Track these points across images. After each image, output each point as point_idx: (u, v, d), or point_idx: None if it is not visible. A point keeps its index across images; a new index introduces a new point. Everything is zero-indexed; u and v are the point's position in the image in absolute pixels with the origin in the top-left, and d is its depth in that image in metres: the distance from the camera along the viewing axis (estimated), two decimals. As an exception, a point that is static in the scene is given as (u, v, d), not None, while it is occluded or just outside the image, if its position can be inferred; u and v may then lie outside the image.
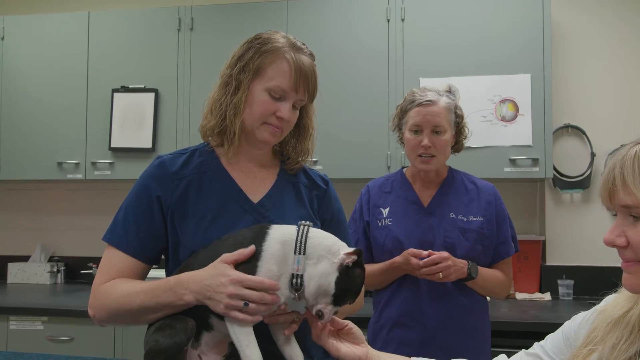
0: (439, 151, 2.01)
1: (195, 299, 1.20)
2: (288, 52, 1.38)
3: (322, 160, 3.06)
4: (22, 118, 3.45)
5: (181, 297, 1.21)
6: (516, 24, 3.03)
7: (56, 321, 2.85)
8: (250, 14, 3.25)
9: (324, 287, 1.19)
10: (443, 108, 2.01)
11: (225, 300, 1.16)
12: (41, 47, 3.46)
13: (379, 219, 2.08)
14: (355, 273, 1.21)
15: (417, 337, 1.97)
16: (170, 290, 1.23)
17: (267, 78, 1.37)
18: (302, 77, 1.38)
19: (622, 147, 1.00)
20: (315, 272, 1.19)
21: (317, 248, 1.21)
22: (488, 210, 2.07)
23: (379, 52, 3.12)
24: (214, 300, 1.17)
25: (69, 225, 3.83)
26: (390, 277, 2.03)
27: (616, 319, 1.05)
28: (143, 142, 3.30)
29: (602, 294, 1.17)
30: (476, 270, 1.98)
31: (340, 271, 1.19)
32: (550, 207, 3.29)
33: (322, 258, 1.20)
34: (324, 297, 1.20)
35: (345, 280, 1.19)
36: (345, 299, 1.21)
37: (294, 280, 1.20)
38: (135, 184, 1.43)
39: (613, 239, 0.98)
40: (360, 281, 1.23)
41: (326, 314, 1.20)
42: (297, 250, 1.21)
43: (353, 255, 1.19)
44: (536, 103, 2.98)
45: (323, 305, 1.20)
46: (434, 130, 1.99)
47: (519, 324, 2.51)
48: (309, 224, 1.24)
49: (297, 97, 1.39)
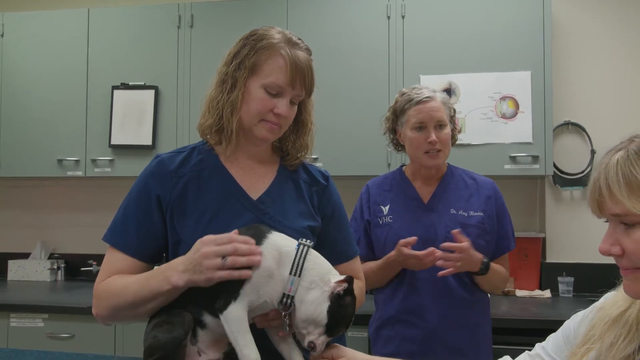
0: (445, 145, 2.02)
1: (182, 280, 1.20)
2: (283, 47, 1.37)
3: (323, 157, 3.05)
4: (22, 115, 3.45)
5: (169, 280, 1.22)
6: (516, 21, 3.02)
7: (57, 318, 2.85)
8: (250, 11, 3.25)
9: (314, 316, 1.17)
10: (441, 103, 2.03)
11: (204, 262, 1.17)
12: (41, 44, 3.46)
13: (380, 217, 2.09)
14: (346, 301, 1.19)
15: (418, 333, 1.97)
16: (160, 275, 1.25)
17: (263, 75, 1.37)
18: (298, 72, 1.37)
19: (605, 156, 1.00)
20: (307, 298, 1.18)
21: (311, 273, 1.20)
22: (488, 205, 2.07)
23: (379, 49, 3.12)
24: (197, 271, 1.19)
25: (69, 223, 3.83)
26: (388, 273, 2.03)
27: (614, 317, 1.05)
28: (143, 139, 3.30)
29: (600, 291, 1.17)
30: (488, 268, 1.98)
31: (332, 300, 1.17)
32: (550, 205, 3.29)
33: (315, 285, 1.19)
34: (315, 327, 1.18)
35: (337, 309, 1.17)
36: (338, 329, 1.19)
37: (284, 299, 1.19)
38: (135, 184, 1.43)
39: (608, 249, 0.97)
40: (352, 310, 1.21)
41: (318, 345, 1.18)
42: (293, 271, 1.19)
43: (344, 283, 1.18)
44: (536, 100, 2.98)
45: (315, 336, 1.18)
46: (437, 125, 2.00)
47: (520, 321, 2.51)
48: (308, 244, 1.23)
49: (294, 92, 1.39)
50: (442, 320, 1.97)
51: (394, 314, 2.03)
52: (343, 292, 1.18)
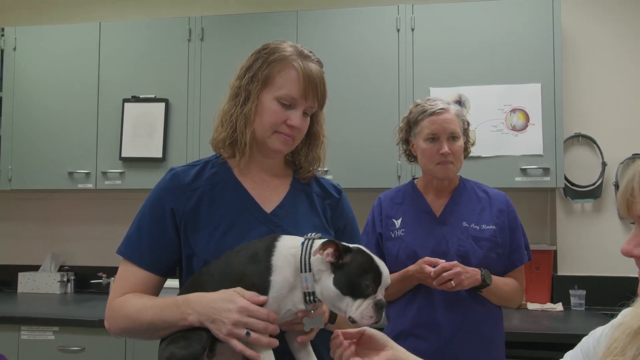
0: (457, 157, 2.02)
1: (199, 321, 1.20)
2: (296, 60, 1.39)
3: (333, 169, 3.05)
4: (34, 128, 3.47)
5: (185, 317, 1.21)
6: (526, 33, 3.03)
7: (67, 331, 2.84)
8: (260, 24, 3.26)
9: (331, 296, 1.17)
10: (455, 115, 2.03)
11: (228, 326, 1.16)
12: (53, 58, 3.48)
13: (392, 230, 2.08)
14: (347, 260, 1.17)
15: (431, 347, 1.95)
16: (177, 309, 1.23)
17: (276, 87, 1.38)
18: (311, 84, 1.38)
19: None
20: (319, 286, 1.19)
21: (316, 263, 1.20)
22: (500, 218, 2.06)
23: (389, 61, 3.13)
24: (217, 324, 1.17)
25: (79, 235, 3.84)
26: (404, 287, 2.02)
27: (635, 329, 1.04)
28: (153, 151, 3.31)
29: (620, 304, 1.16)
30: (490, 277, 1.97)
31: (334, 271, 1.17)
32: (561, 217, 3.27)
33: (320, 272, 1.20)
34: (341, 303, 1.17)
35: (344, 275, 1.16)
36: (361, 286, 1.15)
37: (307, 297, 1.20)
38: (148, 197, 1.43)
39: (630, 250, 0.97)
40: (363, 260, 1.18)
41: (356, 316, 1.15)
42: (302, 268, 1.20)
43: (327, 248, 1.17)
44: (547, 112, 2.98)
45: (350, 308, 1.16)
46: (450, 137, 2.01)
47: (533, 335, 2.49)
48: (313, 238, 1.23)
49: (306, 104, 1.39)
50: (456, 335, 1.95)
51: (406, 328, 2.01)
52: (338, 255, 1.17)
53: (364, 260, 1.19)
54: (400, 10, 3.14)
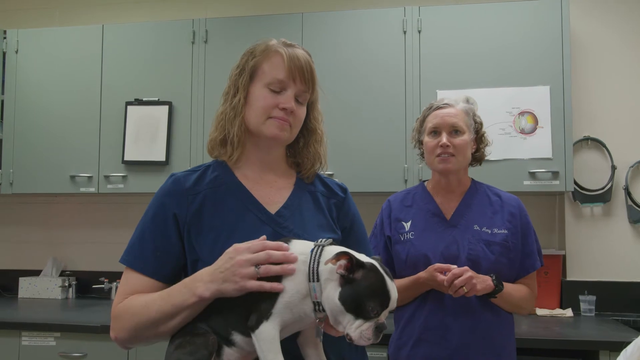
0: (458, 151, 1.99)
1: (209, 291, 1.19)
2: (280, 47, 1.40)
3: (338, 173, 3.00)
4: (35, 131, 3.44)
5: (194, 292, 1.20)
6: (534, 35, 3.00)
7: (69, 337, 2.80)
8: (265, 27, 3.23)
9: (334, 309, 1.12)
10: (460, 111, 2.03)
11: (237, 271, 1.16)
12: (55, 61, 3.46)
13: (401, 233, 2.04)
14: (359, 275, 1.11)
15: (441, 354, 1.91)
16: (184, 288, 1.23)
17: (263, 75, 1.39)
18: (297, 66, 1.38)
19: None
20: (324, 295, 1.14)
21: (325, 271, 1.15)
22: (512, 222, 2.02)
23: (396, 64, 3.09)
24: (228, 280, 1.17)
25: (80, 239, 3.80)
26: (414, 293, 1.98)
27: None
28: (157, 155, 3.27)
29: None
30: (501, 282, 1.92)
31: (342, 285, 1.12)
32: (570, 221, 3.23)
33: (328, 281, 1.14)
34: (342, 317, 1.12)
35: (352, 290, 1.10)
36: (367, 307, 1.10)
37: (316, 307, 1.16)
38: (150, 204, 1.41)
39: None
40: (374, 279, 1.11)
41: (354, 336, 1.10)
42: (311, 277, 1.16)
43: (340, 260, 1.11)
44: (556, 115, 2.94)
45: (346, 322, 1.11)
46: (452, 130, 1.99)
47: (543, 341, 2.43)
48: (323, 245, 1.19)
49: (296, 87, 1.39)
50: (466, 341, 1.91)
51: (416, 334, 1.97)
52: (350, 269, 1.11)
53: (376, 280, 1.12)
54: (407, 12, 3.11)
